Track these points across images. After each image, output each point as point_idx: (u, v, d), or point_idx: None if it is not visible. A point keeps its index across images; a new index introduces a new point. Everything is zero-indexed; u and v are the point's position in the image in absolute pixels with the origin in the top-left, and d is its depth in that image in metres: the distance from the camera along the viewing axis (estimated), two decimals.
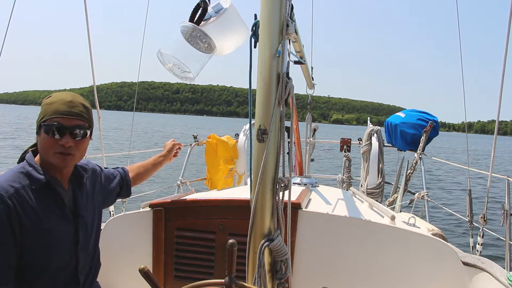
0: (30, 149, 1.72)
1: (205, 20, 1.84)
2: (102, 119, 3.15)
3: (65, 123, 1.58)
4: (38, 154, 1.68)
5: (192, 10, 1.84)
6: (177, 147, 2.50)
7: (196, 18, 1.82)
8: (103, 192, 1.98)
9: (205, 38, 1.80)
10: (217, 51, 1.88)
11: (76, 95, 1.69)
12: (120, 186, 2.10)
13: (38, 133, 1.63)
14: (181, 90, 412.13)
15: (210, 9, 1.85)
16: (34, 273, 1.60)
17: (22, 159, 1.69)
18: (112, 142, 28.59)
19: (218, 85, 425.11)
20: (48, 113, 1.59)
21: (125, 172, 2.16)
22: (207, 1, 1.83)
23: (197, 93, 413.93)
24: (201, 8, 1.82)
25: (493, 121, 3.31)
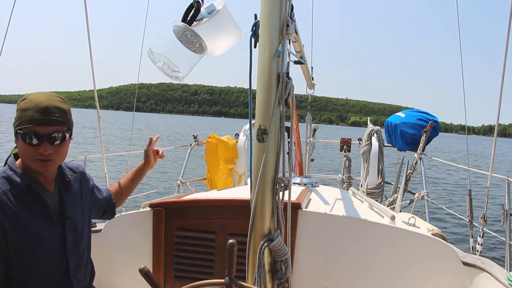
0: (13, 152, 1.67)
1: (197, 20, 1.84)
2: (122, 119, 3.15)
3: (41, 131, 1.52)
4: None
5: (185, 10, 1.84)
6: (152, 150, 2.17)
7: (188, 18, 1.82)
8: (92, 198, 1.92)
9: (196, 39, 1.80)
10: (209, 52, 1.88)
11: (52, 97, 1.59)
12: (107, 204, 2.03)
13: (16, 138, 1.58)
14: (199, 91, 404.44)
15: (203, 10, 1.85)
16: (23, 280, 1.57)
17: (6, 162, 1.65)
18: (120, 140, 28.70)
19: (236, 86, 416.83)
20: (23, 120, 1.53)
21: (110, 192, 2.08)
22: (200, 1, 1.83)
23: (215, 95, 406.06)
24: (194, 9, 1.82)
25: None
